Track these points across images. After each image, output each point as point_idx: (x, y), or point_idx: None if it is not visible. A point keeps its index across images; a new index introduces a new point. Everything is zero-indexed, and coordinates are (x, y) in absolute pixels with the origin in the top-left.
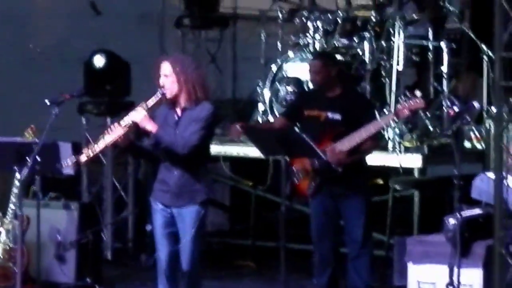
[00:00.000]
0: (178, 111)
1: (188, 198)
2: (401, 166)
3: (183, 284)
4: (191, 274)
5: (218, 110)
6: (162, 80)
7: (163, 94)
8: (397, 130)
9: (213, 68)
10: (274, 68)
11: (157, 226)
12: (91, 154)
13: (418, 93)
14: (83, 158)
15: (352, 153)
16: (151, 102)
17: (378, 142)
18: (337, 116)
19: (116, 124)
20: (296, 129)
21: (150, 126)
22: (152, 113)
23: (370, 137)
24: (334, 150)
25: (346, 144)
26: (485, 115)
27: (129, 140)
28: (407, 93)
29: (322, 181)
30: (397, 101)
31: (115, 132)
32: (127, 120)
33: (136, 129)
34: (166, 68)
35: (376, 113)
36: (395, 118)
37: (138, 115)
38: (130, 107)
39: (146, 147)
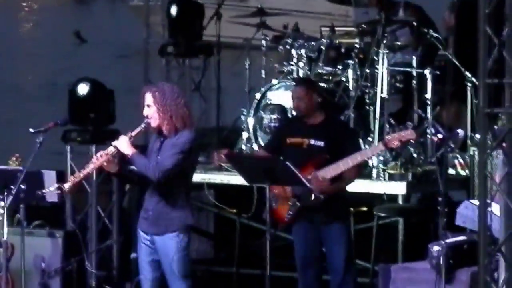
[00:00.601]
0: (162, 139)
1: (164, 225)
2: (385, 194)
3: None
4: None
5: (200, 138)
6: (145, 110)
7: (147, 124)
8: (381, 158)
9: (197, 96)
10: (258, 96)
11: (141, 254)
12: (75, 181)
13: (409, 124)
14: (67, 185)
15: (335, 181)
16: (136, 131)
17: (361, 170)
18: (320, 143)
19: (101, 152)
20: (281, 158)
21: (127, 150)
22: (138, 141)
23: (355, 166)
24: (317, 177)
25: (330, 172)
26: (469, 142)
27: (115, 166)
28: (391, 121)
29: (302, 208)
30: (381, 129)
31: (99, 160)
32: (110, 148)
33: (122, 156)
34: (148, 98)
35: (361, 141)
36: (383, 148)
37: (120, 142)
38: (114, 135)
39: (134, 172)
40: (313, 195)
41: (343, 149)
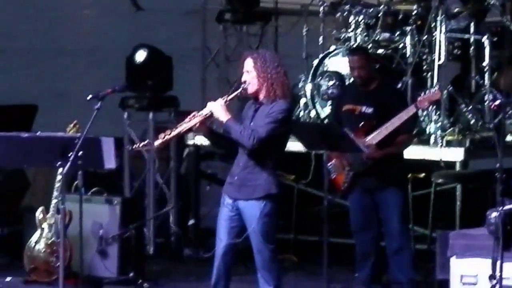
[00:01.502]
0: (257, 105)
1: (249, 191)
2: (442, 160)
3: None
4: (265, 270)
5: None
6: (244, 76)
7: (245, 89)
8: (439, 124)
9: None
10: (315, 62)
11: (220, 219)
12: (166, 139)
13: (436, 84)
14: (157, 142)
15: (384, 146)
16: (232, 95)
17: (412, 135)
18: (370, 109)
19: (194, 112)
20: (337, 124)
21: (222, 116)
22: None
23: (402, 130)
24: (364, 143)
25: (376, 137)
26: None
27: (206, 128)
28: (450, 88)
29: (355, 175)
30: None
31: (192, 121)
32: (205, 110)
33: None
34: (248, 64)
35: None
36: (415, 110)
37: (215, 106)
38: (172, 101)
39: (224, 135)
40: (362, 161)
41: (391, 115)
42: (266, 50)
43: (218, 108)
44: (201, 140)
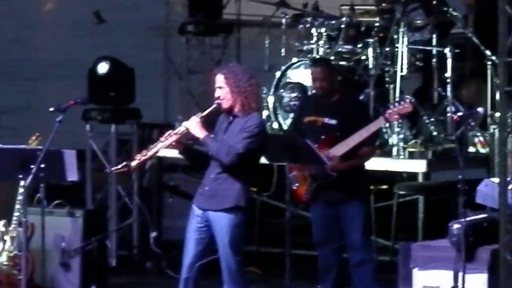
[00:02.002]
0: (231, 118)
1: (218, 202)
2: (405, 172)
3: None
4: (232, 281)
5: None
6: (217, 92)
7: (219, 105)
8: (401, 136)
9: None
10: (278, 74)
11: (189, 231)
12: (142, 159)
13: (407, 97)
14: (134, 163)
15: (347, 159)
16: (206, 111)
17: (375, 147)
18: (333, 121)
19: (170, 131)
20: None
21: (199, 133)
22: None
23: (366, 142)
24: (329, 155)
25: (340, 149)
26: (489, 120)
27: (183, 145)
28: (412, 100)
29: (318, 187)
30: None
31: (168, 139)
32: (181, 128)
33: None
34: (219, 80)
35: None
36: (385, 122)
37: (190, 123)
38: (134, 113)
39: (200, 151)
40: (326, 173)
41: (355, 127)
42: (236, 64)
43: (193, 125)
44: (164, 153)
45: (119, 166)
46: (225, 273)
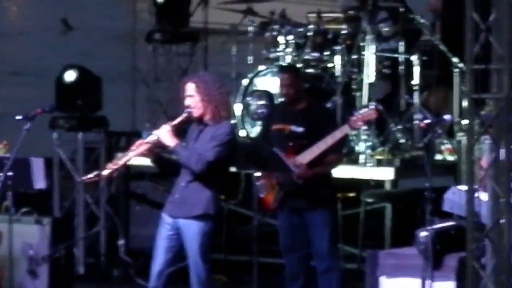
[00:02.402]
0: (202, 127)
1: (187, 210)
2: (372, 179)
3: None
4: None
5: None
6: (188, 100)
7: (189, 113)
8: (368, 143)
9: None
10: (245, 82)
11: (159, 238)
12: (114, 168)
13: (372, 104)
14: (105, 172)
15: (314, 166)
16: (177, 120)
17: (342, 155)
18: (300, 129)
19: (141, 140)
20: (266, 144)
21: (169, 142)
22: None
23: (332, 149)
24: (295, 163)
25: (306, 156)
26: (456, 128)
27: (154, 154)
28: (379, 107)
29: (285, 195)
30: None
31: (139, 148)
32: (152, 137)
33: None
34: (190, 88)
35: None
36: (349, 129)
37: (161, 132)
38: (101, 121)
39: (172, 160)
40: (292, 180)
41: (322, 134)
42: (205, 73)
43: (164, 134)
44: (131, 161)
45: (91, 176)
46: (194, 281)
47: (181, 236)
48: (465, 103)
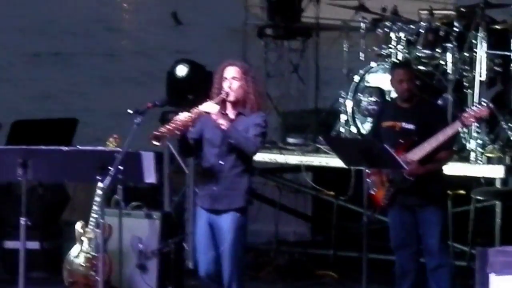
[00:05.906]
0: (230, 114)
1: (226, 203)
2: (483, 177)
3: None
4: (234, 281)
5: (298, 120)
6: (230, 82)
7: (227, 94)
8: (479, 141)
9: (295, 78)
10: (356, 78)
11: (200, 232)
12: (164, 130)
13: (484, 101)
14: (155, 133)
15: (425, 163)
16: (215, 101)
17: (452, 152)
18: (411, 126)
19: (185, 112)
20: (377, 140)
21: (222, 121)
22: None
23: (443, 146)
24: (406, 160)
25: (417, 153)
26: None
27: (186, 130)
28: (490, 105)
29: (396, 192)
30: None
31: (194, 112)
32: (197, 110)
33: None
34: (235, 72)
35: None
36: (461, 126)
37: (212, 108)
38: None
39: (193, 141)
40: (403, 177)
41: (433, 131)
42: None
43: (216, 112)
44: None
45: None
46: (227, 273)
47: (217, 229)
48: None
